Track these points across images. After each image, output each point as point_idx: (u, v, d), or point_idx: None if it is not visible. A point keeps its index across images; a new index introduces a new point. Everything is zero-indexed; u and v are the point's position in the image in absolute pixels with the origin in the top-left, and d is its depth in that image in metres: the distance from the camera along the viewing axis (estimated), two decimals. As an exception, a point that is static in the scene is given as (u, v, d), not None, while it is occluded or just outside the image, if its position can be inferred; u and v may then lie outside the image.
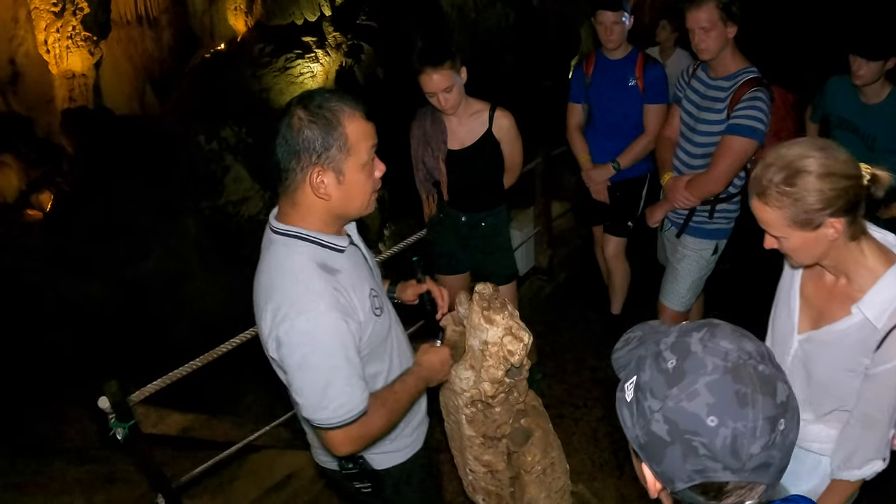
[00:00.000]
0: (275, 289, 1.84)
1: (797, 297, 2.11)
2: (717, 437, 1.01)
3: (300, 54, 11.53)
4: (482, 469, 2.47)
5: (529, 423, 2.46)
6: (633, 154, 4.13)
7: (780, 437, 1.03)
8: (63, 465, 5.54)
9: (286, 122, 1.79)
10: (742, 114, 3.16)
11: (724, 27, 3.15)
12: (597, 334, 4.94)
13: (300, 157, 1.78)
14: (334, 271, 1.88)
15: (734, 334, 1.10)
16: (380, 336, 2.02)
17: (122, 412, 2.88)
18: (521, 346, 2.08)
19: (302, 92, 1.89)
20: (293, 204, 1.88)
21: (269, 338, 1.84)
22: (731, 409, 1.02)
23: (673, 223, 3.73)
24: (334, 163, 1.79)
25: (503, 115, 3.55)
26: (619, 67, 4.06)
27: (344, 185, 1.83)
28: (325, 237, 1.91)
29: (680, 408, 1.04)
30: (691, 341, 1.09)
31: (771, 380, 1.05)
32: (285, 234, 1.89)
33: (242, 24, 12.69)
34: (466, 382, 2.18)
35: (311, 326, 1.78)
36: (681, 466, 1.05)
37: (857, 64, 3.42)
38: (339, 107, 1.80)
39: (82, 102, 12.19)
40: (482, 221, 3.77)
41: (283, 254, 1.88)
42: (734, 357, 1.05)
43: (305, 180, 1.81)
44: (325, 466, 2.34)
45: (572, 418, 4.18)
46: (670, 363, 1.08)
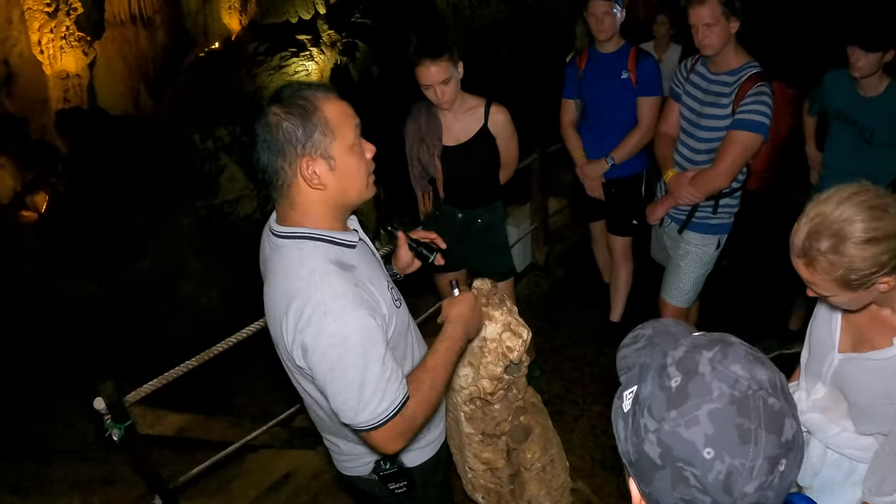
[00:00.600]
0: (294, 294, 1.75)
1: (839, 315, 2.05)
2: (711, 471, 0.94)
3: (295, 53, 11.54)
4: (481, 467, 2.45)
5: (529, 420, 2.44)
6: (627, 148, 4.11)
7: (777, 479, 0.96)
8: (60, 466, 5.52)
9: (263, 123, 1.74)
10: (748, 108, 3.16)
11: (726, 23, 3.14)
12: (595, 330, 4.92)
13: (286, 153, 1.73)
14: (350, 268, 1.81)
15: (747, 359, 1.02)
16: (402, 328, 1.97)
17: (117, 413, 2.85)
18: (520, 343, 2.07)
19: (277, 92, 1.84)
20: (291, 204, 1.81)
21: (293, 345, 1.76)
22: (731, 443, 0.94)
23: (674, 219, 3.71)
24: (321, 149, 1.74)
25: (499, 111, 3.54)
26: (612, 61, 4.03)
27: (337, 170, 1.77)
28: (334, 234, 1.84)
29: (676, 433, 0.97)
30: (700, 360, 1.02)
31: (779, 416, 0.97)
32: (293, 236, 1.82)
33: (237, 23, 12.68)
34: (465, 379, 2.17)
35: (338, 327, 1.70)
36: (668, 493, 0.98)
37: (855, 56, 3.40)
38: (311, 93, 1.76)
39: (76, 103, 12.17)
40: (478, 218, 3.75)
41: (296, 257, 1.79)
42: (743, 386, 0.97)
43: (297, 175, 1.75)
44: (351, 474, 2.24)
45: (571, 415, 4.17)
46: (674, 381, 1.01)
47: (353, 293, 1.74)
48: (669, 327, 1.19)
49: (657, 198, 3.82)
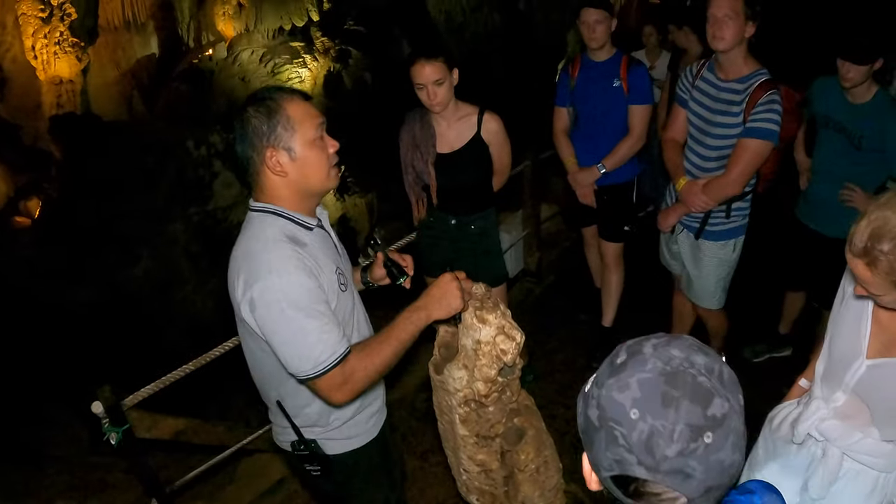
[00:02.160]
0: (247, 255, 1.99)
1: (869, 320, 2.07)
2: (635, 430, 1.03)
3: (288, 59, 11.56)
4: (476, 469, 2.48)
5: (523, 422, 2.47)
6: (619, 156, 4.15)
7: (703, 450, 1.02)
8: (55, 471, 5.53)
9: (238, 120, 1.99)
10: (761, 117, 3.19)
11: (743, 22, 3.16)
12: (587, 335, 4.95)
13: (254, 144, 1.97)
14: (302, 244, 2.03)
15: (689, 347, 1.11)
16: (345, 311, 2.16)
17: (115, 417, 2.88)
18: (514, 345, 2.10)
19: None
20: (260, 187, 2.07)
21: (242, 301, 1.97)
22: (654, 406, 1.03)
23: (686, 227, 3.72)
24: (283, 141, 1.97)
25: (492, 119, 3.57)
26: (604, 69, 4.07)
27: (297, 160, 2.00)
28: (293, 214, 2.08)
29: (611, 396, 1.07)
30: (646, 344, 1.12)
31: (707, 392, 1.05)
32: (259, 210, 2.07)
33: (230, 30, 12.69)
34: (460, 382, 2.20)
35: (282, 283, 1.91)
36: (603, 453, 1.07)
37: (845, 67, 3.43)
38: (277, 94, 2.01)
39: (70, 108, 12.15)
40: (471, 224, 3.78)
41: (258, 226, 2.04)
42: (676, 364, 1.07)
43: (263, 163, 2.00)
44: (281, 447, 2.41)
45: (564, 418, 4.20)
46: (620, 359, 1.12)
47: (298, 258, 1.96)
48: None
49: (666, 205, 3.83)
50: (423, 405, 4.17)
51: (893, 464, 2.14)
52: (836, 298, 2.23)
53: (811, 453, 2.30)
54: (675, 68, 5.39)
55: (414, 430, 4.04)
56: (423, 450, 3.99)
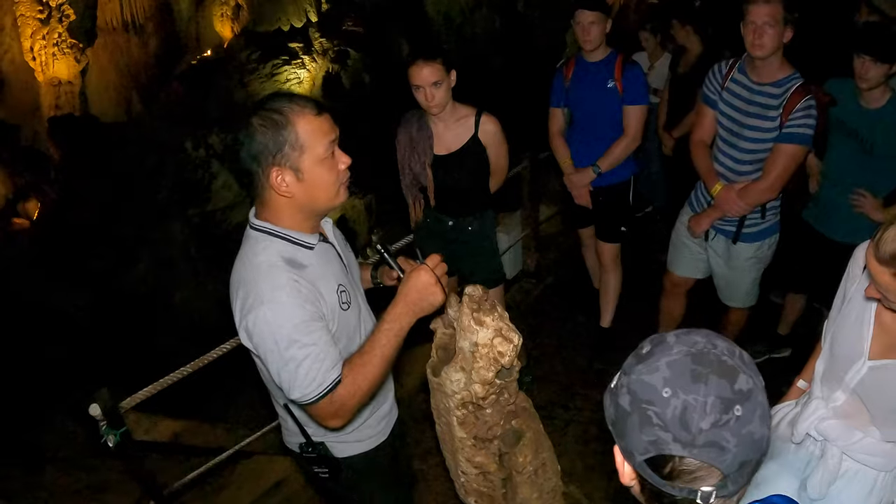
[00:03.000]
0: (243, 281, 1.93)
1: (871, 322, 2.07)
2: (669, 406, 1.08)
3: (287, 60, 11.55)
4: (474, 471, 2.48)
5: (520, 425, 2.47)
6: (614, 157, 4.14)
7: (734, 422, 1.07)
8: (54, 473, 5.52)
9: (244, 129, 1.87)
10: (800, 122, 3.21)
11: (783, 28, 3.16)
12: (585, 336, 4.97)
13: (259, 161, 1.86)
14: (301, 266, 1.95)
15: (709, 334, 1.17)
16: (347, 329, 2.11)
17: (113, 419, 2.88)
18: (511, 348, 2.09)
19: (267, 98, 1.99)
20: (263, 203, 1.98)
21: (239, 327, 1.94)
22: (685, 383, 1.08)
23: (720, 232, 3.72)
24: (290, 161, 1.87)
25: (489, 121, 3.57)
26: (598, 70, 4.07)
27: (304, 181, 1.90)
28: (295, 234, 1.99)
29: (641, 380, 1.12)
30: (668, 335, 1.18)
31: (733, 369, 1.11)
32: (259, 229, 1.99)
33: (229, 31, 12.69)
34: (457, 384, 2.19)
35: (273, 315, 1.86)
36: (638, 437, 1.11)
37: (864, 66, 3.37)
38: (287, 107, 1.87)
39: (68, 110, 12.13)
40: (469, 226, 3.79)
41: (255, 249, 1.96)
42: (700, 346, 1.13)
43: (268, 181, 1.89)
44: (290, 448, 2.41)
45: (563, 420, 4.20)
46: (645, 349, 1.17)
47: (292, 286, 1.89)
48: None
49: (694, 210, 3.82)
50: (423, 406, 4.16)
51: (893, 463, 2.15)
52: (836, 299, 2.24)
53: (809, 453, 2.31)
54: (676, 68, 5.38)
55: (413, 431, 4.04)
56: (422, 451, 3.99)
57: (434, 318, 2.41)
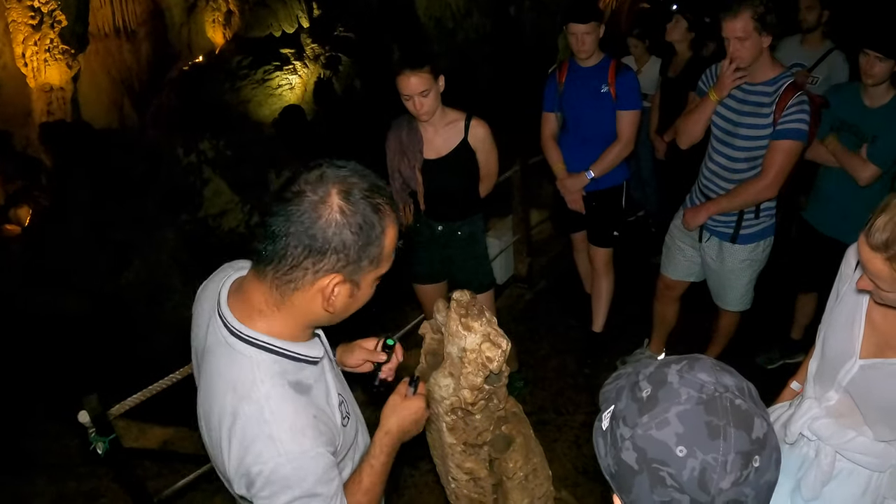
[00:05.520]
0: (242, 418, 1.48)
1: (862, 321, 2.06)
2: (685, 468, 0.99)
3: (278, 66, 11.53)
4: (464, 477, 2.47)
5: (510, 430, 2.47)
6: (607, 162, 4.15)
7: (753, 475, 1.00)
8: (45, 481, 5.47)
9: (312, 203, 1.41)
10: (793, 118, 3.24)
11: (759, 37, 3.21)
12: (577, 341, 4.97)
13: (323, 258, 1.43)
14: (308, 388, 1.59)
15: (714, 368, 1.08)
16: (346, 444, 1.75)
17: (102, 426, 2.86)
18: (500, 353, 2.09)
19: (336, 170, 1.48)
20: (278, 305, 1.53)
21: (236, 475, 1.52)
22: (701, 440, 0.99)
23: (714, 233, 3.74)
24: (357, 275, 1.49)
25: (479, 125, 3.58)
26: (592, 75, 4.08)
27: (353, 298, 1.55)
28: (297, 348, 1.59)
29: (649, 436, 1.02)
30: (669, 372, 1.08)
31: (747, 415, 1.02)
32: (253, 342, 1.54)
33: (220, 37, 12.66)
34: (446, 390, 2.19)
35: (294, 469, 1.47)
36: (648, 497, 1.03)
37: (869, 62, 3.42)
38: (386, 209, 1.49)
39: (60, 116, 12.07)
40: (458, 230, 3.79)
41: (249, 372, 1.52)
42: (710, 389, 1.03)
43: (314, 284, 1.47)
44: None
45: (555, 425, 4.20)
46: (645, 392, 1.06)
47: (313, 427, 1.52)
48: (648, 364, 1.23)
49: (693, 204, 3.82)
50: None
51: (886, 463, 2.14)
52: (830, 297, 2.23)
53: (803, 454, 2.30)
54: (666, 72, 5.40)
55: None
56: (412, 457, 3.97)
57: (423, 324, 2.41)
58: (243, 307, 1.57)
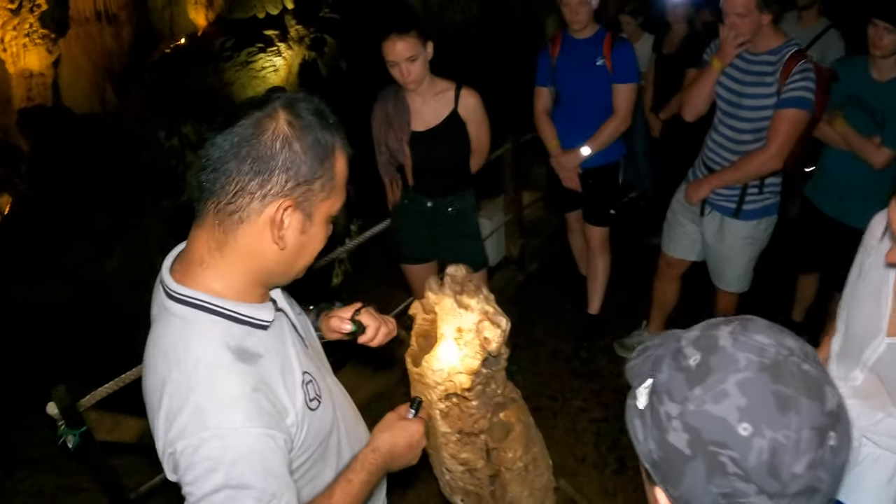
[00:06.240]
0: (170, 387, 1.29)
1: (889, 295, 1.91)
2: (752, 450, 0.80)
3: (262, 48, 11.39)
4: (460, 468, 2.32)
5: (509, 417, 2.31)
6: (603, 137, 4.02)
7: (829, 455, 0.82)
8: (25, 475, 5.34)
9: (257, 119, 1.27)
10: (797, 86, 3.18)
11: (759, 14, 3.17)
12: (572, 324, 4.85)
13: (271, 178, 1.26)
14: (254, 357, 1.35)
15: (771, 329, 0.90)
16: (320, 433, 1.52)
17: (72, 418, 2.69)
18: (499, 333, 1.94)
19: (280, 91, 1.36)
20: (222, 246, 1.33)
21: (163, 453, 1.30)
22: (770, 414, 0.81)
23: (716, 207, 3.65)
24: (309, 202, 1.32)
25: (469, 95, 3.42)
26: (586, 47, 3.93)
27: (306, 235, 1.36)
28: (242, 309, 1.37)
29: (704, 411, 0.83)
30: (719, 335, 0.89)
31: (818, 382, 0.84)
32: (189, 302, 1.34)
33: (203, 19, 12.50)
34: (439, 375, 2.03)
35: (222, 450, 1.24)
36: (704, 488, 0.84)
37: (878, 33, 3.33)
38: (337, 130, 1.36)
39: (40, 101, 11.94)
40: (448, 206, 3.64)
41: (181, 336, 1.32)
42: (772, 353, 0.85)
43: (263, 213, 1.29)
44: None
45: (551, 411, 4.07)
46: (692, 359, 0.88)
47: (249, 400, 1.29)
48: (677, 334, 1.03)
49: (696, 177, 3.72)
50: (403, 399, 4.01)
51: None
52: (852, 273, 2.09)
53: None
54: (661, 49, 5.27)
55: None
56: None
57: (413, 303, 2.25)
58: (184, 264, 1.38)
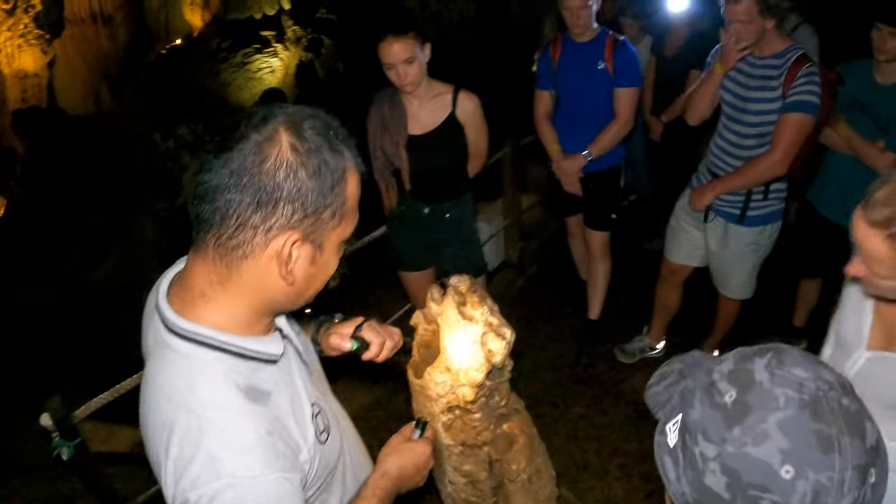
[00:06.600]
0: (178, 431, 1.18)
1: (870, 311, 1.89)
2: (794, 493, 0.78)
3: (258, 49, 11.36)
4: (462, 480, 2.28)
5: (512, 429, 2.27)
6: (605, 142, 3.96)
7: (870, 492, 0.80)
8: (20, 483, 5.29)
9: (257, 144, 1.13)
10: (802, 90, 3.15)
11: (761, 20, 3.13)
12: (572, 329, 4.80)
13: (275, 211, 1.14)
14: (265, 396, 1.26)
15: (808, 360, 0.88)
16: (329, 464, 1.44)
17: (66, 430, 2.64)
18: (504, 345, 1.90)
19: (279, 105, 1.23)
20: (224, 281, 1.22)
21: (171, 501, 1.20)
22: (812, 455, 0.79)
23: (721, 214, 3.61)
24: (318, 232, 1.20)
25: (467, 98, 3.36)
26: (588, 51, 3.88)
27: (315, 266, 1.24)
28: (248, 344, 1.26)
29: (744, 454, 0.81)
30: (755, 368, 0.87)
31: (858, 418, 0.83)
32: (190, 338, 1.22)
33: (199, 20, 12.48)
34: (442, 387, 1.98)
35: (239, 499, 1.16)
36: None
37: (882, 38, 3.32)
38: (348, 152, 1.22)
39: (35, 103, 11.93)
40: (446, 212, 3.57)
41: (185, 375, 1.21)
42: (811, 388, 0.83)
43: (267, 248, 1.17)
44: None
45: (551, 417, 4.02)
46: (728, 396, 0.85)
47: (264, 444, 1.20)
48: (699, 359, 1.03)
49: (700, 182, 3.68)
50: (402, 406, 3.97)
51: None
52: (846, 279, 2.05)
53: None
54: (661, 51, 5.23)
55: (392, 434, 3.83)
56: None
57: (414, 313, 2.20)
58: (183, 295, 1.26)
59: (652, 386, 1.03)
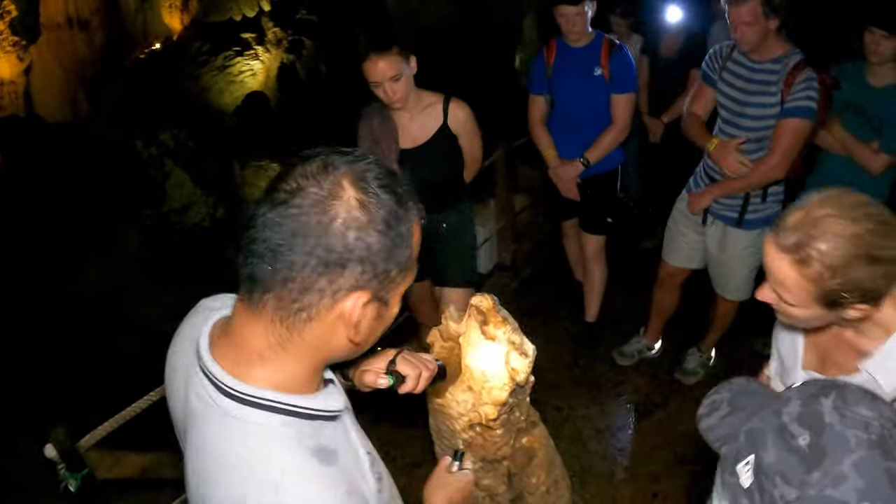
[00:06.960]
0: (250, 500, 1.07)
1: (801, 331, 1.87)
2: None
3: (239, 52, 11.25)
4: (481, 494, 2.27)
5: (532, 443, 2.26)
6: (602, 148, 3.94)
7: None
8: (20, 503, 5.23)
9: (319, 200, 1.02)
10: (801, 95, 3.16)
11: (765, 21, 3.12)
12: (569, 331, 4.80)
13: (343, 273, 1.04)
14: (333, 455, 1.14)
15: (866, 398, 0.92)
16: None
17: (72, 461, 2.56)
18: (527, 363, 1.88)
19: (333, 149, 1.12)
20: (284, 344, 1.10)
21: None
22: (885, 492, 0.83)
23: (719, 217, 3.61)
24: (386, 290, 1.10)
25: (459, 107, 3.30)
26: (583, 56, 3.85)
27: (381, 319, 1.16)
28: (312, 402, 1.14)
29: (826, 497, 0.85)
30: (823, 410, 0.91)
31: None
32: (249, 402, 1.09)
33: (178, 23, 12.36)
34: (464, 406, 1.96)
35: None
36: None
37: (875, 40, 3.37)
38: (409, 200, 1.13)
39: (12, 111, 11.80)
40: (443, 222, 3.52)
41: (256, 445, 1.09)
42: (877, 427, 0.88)
43: (334, 308, 1.06)
44: None
45: (554, 422, 3.99)
46: (801, 439, 0.89)
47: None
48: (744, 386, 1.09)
49: (698, 187, 3.67)
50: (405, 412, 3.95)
51: None
52: None
53: None
54: (657, 52, 5.22)
55: (398, 441, 3.81)
56: (407, 463, 3.75)
57: (431, 331, 2.16)
58: (235, 355, 1.13)
59: (703, 417, 1.06)
